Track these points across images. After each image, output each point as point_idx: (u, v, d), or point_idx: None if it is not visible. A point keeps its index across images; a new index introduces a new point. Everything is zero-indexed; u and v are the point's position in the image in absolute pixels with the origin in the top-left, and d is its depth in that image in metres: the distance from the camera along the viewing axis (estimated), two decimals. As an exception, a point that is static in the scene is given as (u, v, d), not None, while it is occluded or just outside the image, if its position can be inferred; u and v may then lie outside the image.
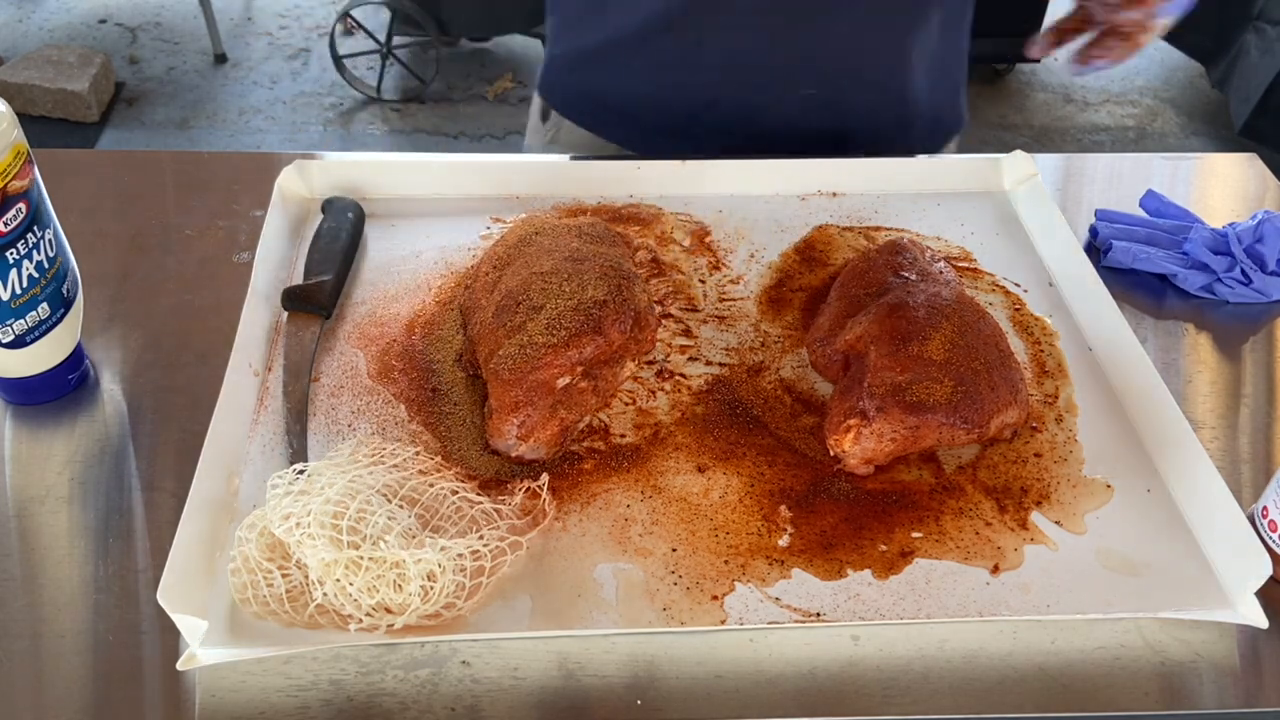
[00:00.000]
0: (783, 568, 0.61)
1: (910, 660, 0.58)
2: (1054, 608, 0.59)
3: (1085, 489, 0.66)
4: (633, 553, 0.61)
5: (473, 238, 0.84)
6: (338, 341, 0.74)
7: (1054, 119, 3.01)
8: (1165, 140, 2.98)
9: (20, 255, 0.64)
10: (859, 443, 0.65)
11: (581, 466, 0.66)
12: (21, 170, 0.63)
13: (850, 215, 0.89)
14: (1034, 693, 0.57)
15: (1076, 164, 1.02)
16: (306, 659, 0.56)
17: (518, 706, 0.55)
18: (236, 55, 3.16)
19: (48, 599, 0.59)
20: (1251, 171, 1.00)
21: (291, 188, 0.85)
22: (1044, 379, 0.74)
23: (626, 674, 0.57)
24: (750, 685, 0.56)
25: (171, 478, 0.66)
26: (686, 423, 0.69)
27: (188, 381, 0.72)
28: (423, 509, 0.61)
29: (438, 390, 0.71)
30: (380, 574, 0.55)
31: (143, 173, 0.92)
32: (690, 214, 0.88)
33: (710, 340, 0.76)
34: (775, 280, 0.82)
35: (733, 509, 0.64)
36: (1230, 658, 0.59)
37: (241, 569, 0.56)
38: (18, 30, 3.19)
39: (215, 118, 2.90)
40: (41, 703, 0.54)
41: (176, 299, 0.79)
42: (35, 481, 0.65)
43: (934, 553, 0.62)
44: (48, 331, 0.68)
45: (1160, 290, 0.85)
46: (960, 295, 0.73)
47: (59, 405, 0.70)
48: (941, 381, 0.66)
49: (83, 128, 2.79)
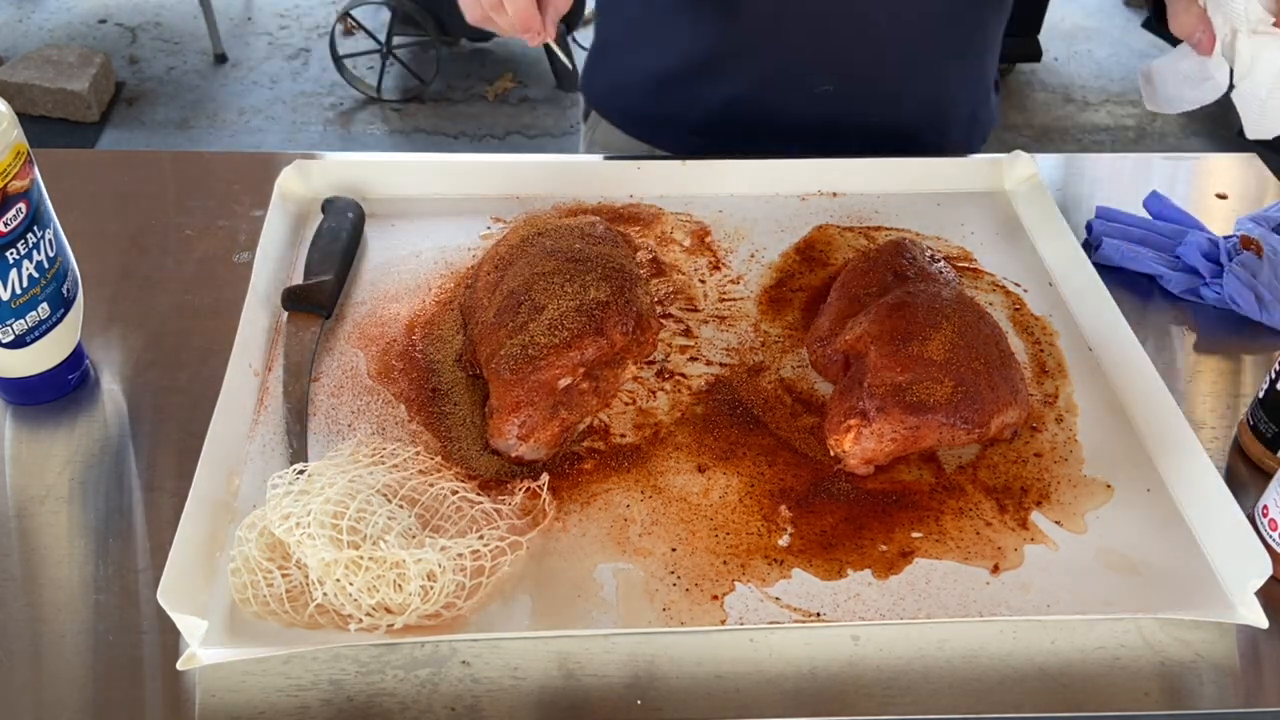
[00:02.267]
0: (783, 568, 0.61)
1: (910, 660, 0.58)
2: (1054, 608, 0.59)
3: (1085, 489, 0.66)
4: (632, 553, 0.61)
5: (473, 238, 0.84)
6: (338, 341, 0.74)
7: (1054, 119, 3.01)
8: (1165, 140, 2.98)
9: (20, 255, 0.64)
10: (859, 443, 0.65)
11: (581, 466, 0.66)
12: (21, 170, 0.63)
13: (850, 215, 0.89)
14: (1034, 693, 0.57)
15: (1076, 164, 1.02)
16: (306, 659, 0.56)
17: (518, 706, 0.55)
18: (236, 55, 3.16)
19: (48, 599, 0.59)
20: (1251, 171, 1.00)
21: (291, 188, 0.85)
22: (1044, 379, 0.74)
23: (626, 674, 0.57)
24: (750, 685, 0.56)
25: (171, 478, 0.66)
26: (686, 423, 0.69)
27: (188, 381, 0.72)
28: (423, 509, 0.61)
29: (438, 390, 0.71)
30: (380, 574, 0.55)
31: (143, 173, 0.92)
32: (690, 214, 0.88)
33: (710, 340, 0.76)
34: (775, 280, 0.82)
35: (733, 509, 0.64)
36: (1230, 658, 0.59)
37: (241, 569, 0.56)
38: (18, 30, 3.19)
39: (215, 118, 2.90)
40: (41, 703, 0.54)
41: (176, 299, 0.79)
42: (35, 481, 0.65)
43: (934, 553, 0.62)
44: (48, 331, 0.68)
45: (1148, 290, 0.85)
46: (960, 295, 0.73)
47: (59, 405, 0.70)
48: (942, 381, 0.66)
49: (83, 128, 2.79)
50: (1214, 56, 0.72)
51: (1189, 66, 0.75)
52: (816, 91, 0.94)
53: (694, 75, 0.96)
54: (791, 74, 0.94)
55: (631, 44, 0.98)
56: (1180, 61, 0.75)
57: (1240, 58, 0.71)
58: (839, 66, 0.93)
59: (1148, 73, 0.79)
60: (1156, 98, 0.78)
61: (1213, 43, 0.71)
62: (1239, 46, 0.71)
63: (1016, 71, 3.19)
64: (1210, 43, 0.71)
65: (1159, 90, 0.77)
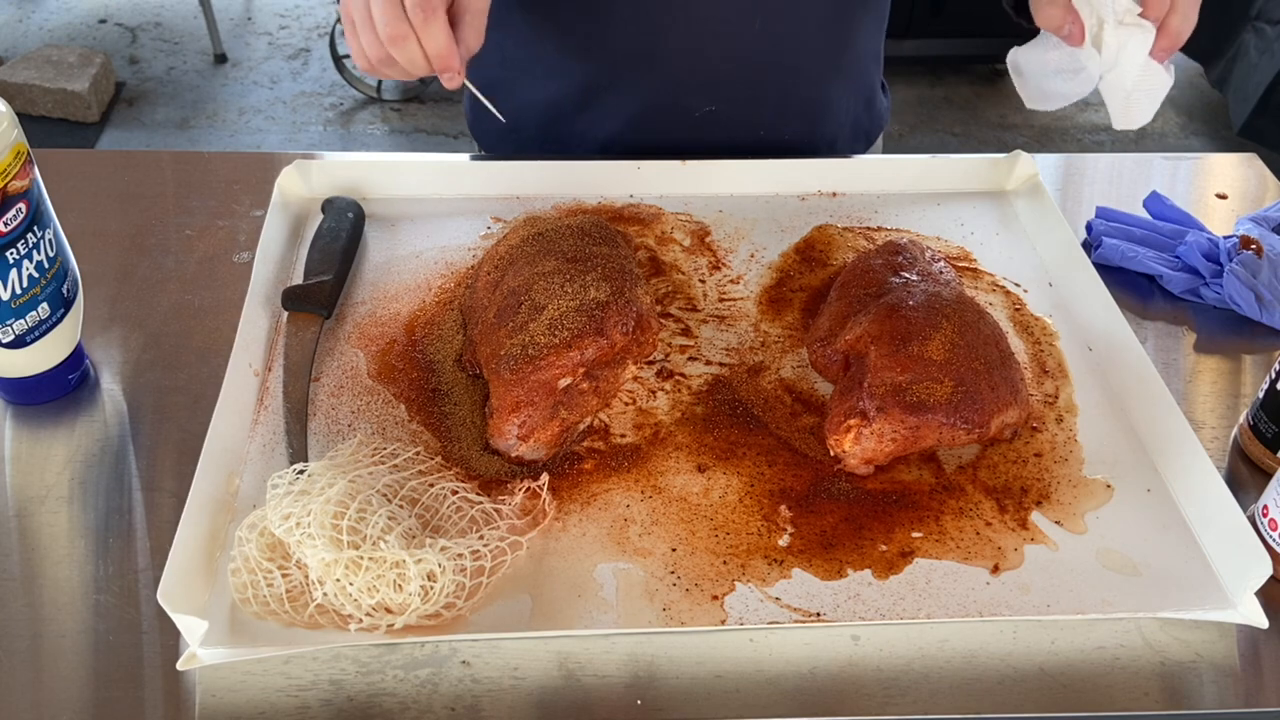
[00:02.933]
0: (783, 568, 0.61)
1: (910, 660, 0.58)
2: (1054, 608, 0.59)
3: (1085, 489, 0.66)
4: (632, 553, 0.61)
5: (473, 238, 0.84)
6: (338, 341, 0.74)
7: (1054, 119, 3.01)
8: (1165, 140, 2.97)
9: (20, 255, 0.64)
10: (859, 443, 0.65)
11: (581, 466, 0.66)
12: (21, 170, 0.63)
13: (850, 215, 0.89)
14: (1034, 693, 0.57)
15: (1076, 164, 1.02)
16: (306, 659, 0.56)
17: (518, 706, 0.55)
18: (236, 55, 3.16)
19: (48, 599, 0.59)
20: (1251, 171, 1.00)
21: (291, 188, 0.85)
22: (1044, 379, 0.74)
23: (626, 674, 0.57)
24: (750, 685, 0.56)
25: (171, 478, 0.66)
26: (686, 423, 0.69)
27: (188, 381, 0.72)
28: (423, 509, 0.61)
29: (438, 390, 0.71)
30: (380, 574, 0.55)
31: (143, 173, 0.92)
32: (690, 214, 0.88)
33: (710, 340, 0.76)
34: (775, 280, 0.82)
35: (733, 509, 0.64)
36: (1230, 658, 0.59)
37: (241, 569, 0.56)
38: (18, 30, 3.19)
39: (215, 118, 2.90)
40: (41, 702, 0.54)
41: (176, 299, 0.79)
42: (35, 481, 0.65)
43: (934, 553, 0.62)
44: (48, 331, 0.68)
45: (1148, 290, 0.85)
46: (960, 295, 0.73)
47: (59, 405, 0.70)
48: (942, 381, 0.66)
49: (83, 128, 2.79)
50: (1084, 47, 0.71)
51: (1058, 58, 0.73)
52: (698, 115, 0.94)
53: (575, 110, 0.95)
54: (671, 101, 0.93)
55: (512, 82, 0.96)
56: (1048, 52, 0.74)
57: (1107, 48, 0.70)
58: (717, 89, 0.93)
59: (1015, 64, 0.77)
60: (1030, 91, 0.76)
61: (1083, 34, 0.70)
62: (1105, 37, 0.70)
63: (1017, 71, 3.19)
64: (1081, 34, 0.70)
65: (1030, 83, 0.76)
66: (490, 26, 0.71)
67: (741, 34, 0.89)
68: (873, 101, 1.04)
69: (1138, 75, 0.70)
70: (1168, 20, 0.68)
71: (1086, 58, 0.72)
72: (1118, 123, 0.73)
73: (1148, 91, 0.70)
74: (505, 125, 0.82)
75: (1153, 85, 0.70)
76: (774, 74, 0.93)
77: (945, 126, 2.90)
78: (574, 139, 0.97)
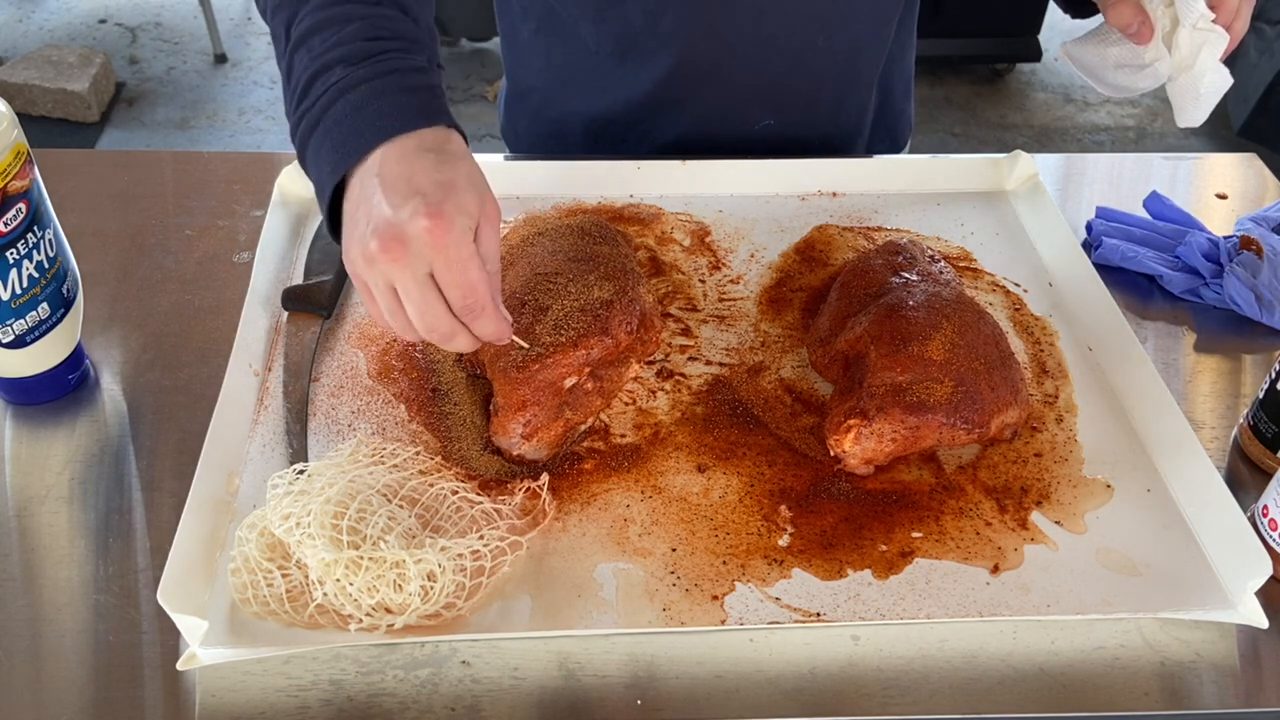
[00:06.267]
0: (783, 568, 0.61)
1: (910, 660, 0.58)
2: (1054, 608, 0.59)
3: (1085, 489, 0.66)
4: (632, 553, 0.61)
5: (473, 238, 0.84)
6: (338, 341, 0.74)
7: (1054, 119, 3.01)
8: (1165, 140, 2.97)
9: (20, 255, 0.64)
10: (859, 443, 0.65)
11: (581, 466, 0.66)
12: (21, 170, 0.63)
13: (850, 215, 0.89)
14: (1034, 693, 0.57)
15: (1076, 164, 1.02)
16: (306, 659, 0.56)
17: (518, 706, 0.55)
18: (236, 55, 3.16)
19: (48, 599, 0.59)
20: (1251, 171, 1.00)
21: (291, 188, 0.85)
22: (1044, 379, 0.74)
23: (626, 674, 0.57)
24: (750, 685, 0.56)
25: (171, 478, 0.66)
26: (686, 423, 0.69)
27: (188, 381, 0.72)
28: (423, 509, 0.61)
29: (438, 390, 0.71)
30: (380, 574, 0.55)
31: (143, 173, 0.92)
32: (690, 214, 0.88)
33: (710, 340, 0.76)
34: (775, 280, 0.82)
35: (733, 509, 0.64)
36: (1230, 658, 0.59)
37: (241, 569, 0.56)
38: (18, 30, 3.19)
39: (215, 118, 2.90)
40: (41, 703, 0.54)
41: (176, 299, 0.79)
42: (35, 481, 0.65)
43: (934, 553, 0.62)
44: (48, 331, 0.68)
45: (1148, 290, 0.85)
46: (960, 295, 0.73)
47: (59, 405, 0.70)
48: (942, 382, 0.66)
49: (83, 128, 2.79)
50: (1151, 46, 0.73)
51: (1119, 53, 0.75)
52: (757, 127, 0.94)
53: (632, 121, 0.94)
54: (730, 114, 0.93)
55: (558, 89, 0.95)
56: (1109, 47, 0.75)
57: (1179, 50, 0.72)
58: (778, 100, 0.93)
59: (1075, 56, 0.78)
60: (1097, 82, 0.78)
61: (1151, 33, 0.72)
62: (1179, 39, 0.71)
63: (1016, 71, 3.19)
64: (1149, 33, 0.72)
65: (1094, 74, 0.77)
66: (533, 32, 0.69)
67: (806, 49, 0.89)
68: (904, 109, 1.05)
69: (1209, 79, 0.72)
70: (1232, 26, 0.71)
71: (1151, 55, 0.73)
72: (1182, 120, 0.75)
73: (1216, 92, 0.73)
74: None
75: (1220, 87, 0.72)
76: (830, 84, 0.93)
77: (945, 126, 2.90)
78: (624, 147, 0.96)
